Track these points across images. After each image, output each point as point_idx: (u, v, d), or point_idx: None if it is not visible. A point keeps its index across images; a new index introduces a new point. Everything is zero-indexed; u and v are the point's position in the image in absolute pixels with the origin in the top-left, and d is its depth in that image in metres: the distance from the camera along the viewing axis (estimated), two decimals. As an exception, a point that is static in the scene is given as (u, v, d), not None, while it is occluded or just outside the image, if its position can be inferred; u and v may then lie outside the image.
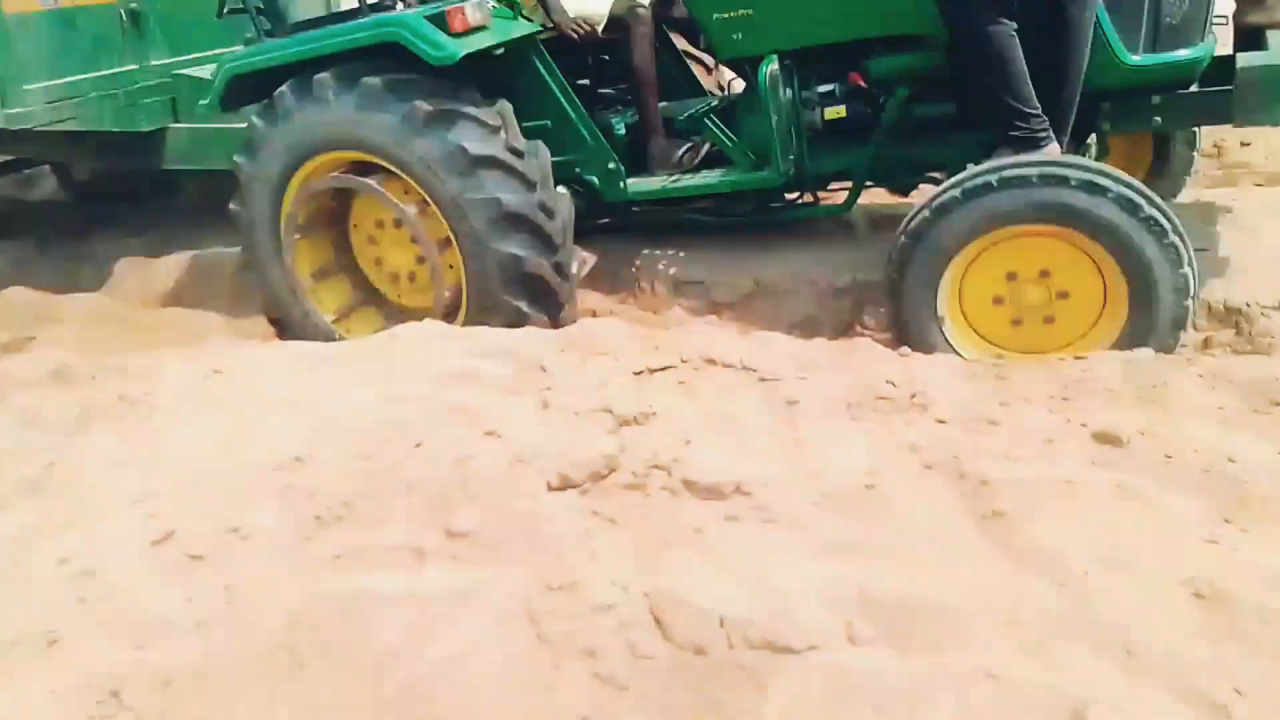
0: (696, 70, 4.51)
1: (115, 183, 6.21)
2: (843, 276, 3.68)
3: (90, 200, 6.38)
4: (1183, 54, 3.05)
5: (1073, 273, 2.88)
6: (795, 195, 3.92)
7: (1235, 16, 3.30)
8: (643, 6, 3.88)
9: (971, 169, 2.96)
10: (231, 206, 3.89)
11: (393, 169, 3.52)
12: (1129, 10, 3.02)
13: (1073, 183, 2.75)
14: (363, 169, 3.62)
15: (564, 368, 2.63)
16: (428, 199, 3.51)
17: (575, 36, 3.85)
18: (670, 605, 1.81)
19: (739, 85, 4.13)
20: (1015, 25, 2.94)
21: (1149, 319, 2.75)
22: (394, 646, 1.84)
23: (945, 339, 3.03)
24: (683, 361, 2.61)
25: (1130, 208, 2.72)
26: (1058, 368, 2.44)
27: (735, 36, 3.52)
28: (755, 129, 3.61)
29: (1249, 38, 3.30)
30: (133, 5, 4.79)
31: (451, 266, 3.62)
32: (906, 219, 3.01)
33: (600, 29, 3.90)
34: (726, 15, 3.48)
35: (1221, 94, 3.03)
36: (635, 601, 1.84)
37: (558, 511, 2.07)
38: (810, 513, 2.00)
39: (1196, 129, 3.85)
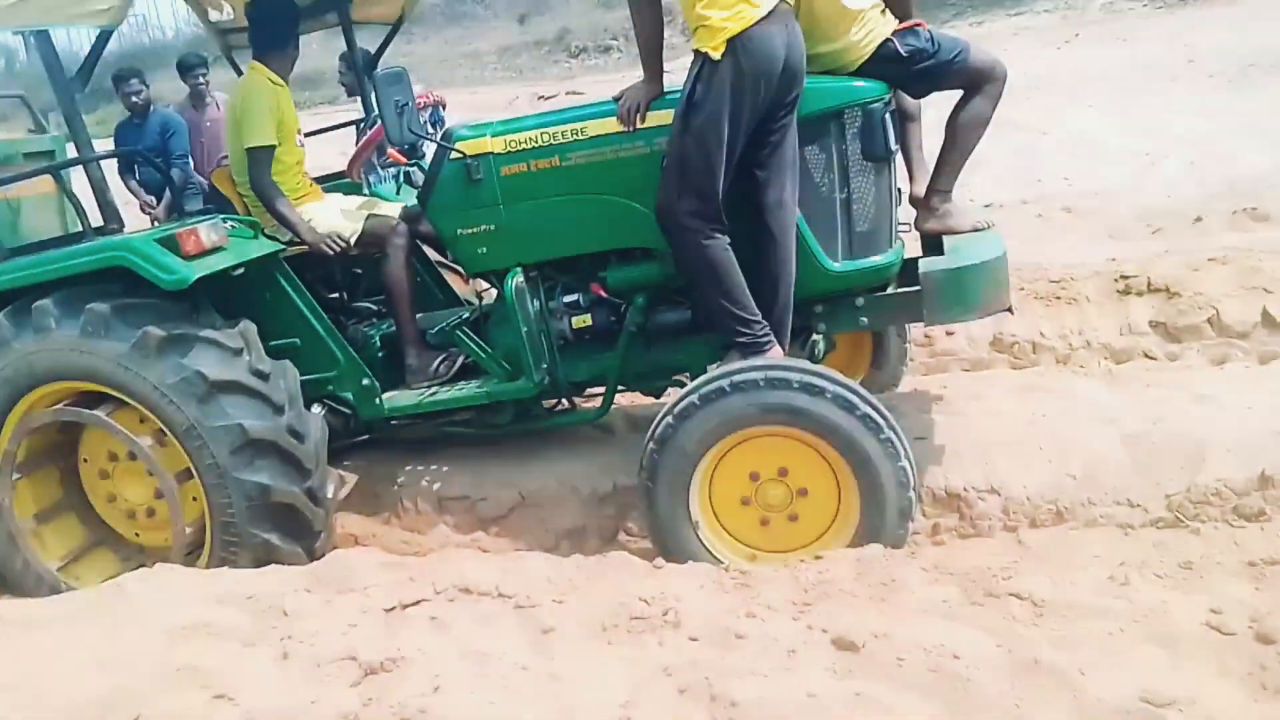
0: (452, 280, 4.61)
1: None
2: (604, 483, 3.75)
3: None
4: (876, 259, 3.41)
5: (808, 470, 3.05)
6: (553, 403, 4.01)
7: (915, 224, 3.76)
8: (398, 222, 3.95)
9: (707, 374, 3.14)
10: (-62, 448, 3.52)
11: (124, 398, 3.33)
12: (825, 222, 3.36)
13: (794, 384, 2.95)
14: (92, 399, 3.40)
15: (308, 610, 2.49)
16: (164, 429, 3.32)
17: (330, 252, 3.86)
18: None
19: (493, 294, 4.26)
20: (728, 240, 3.21)
21: (879, 512, 2.94)
22: None
23: (701, 543, 3.10)
24: (436, 593, 2.53)
25: (847, 406, 2.95)
26: (799, 571, 2.55)
27: (480, 251, 3.62)
28: (507, 339, 3.69)
29: (930, 242, 3.76)
30: None
31: (195, 499, 3.41)
32: (652, 426, 3.13)
33: (353, 243, 3.94)
34: (470, 231, 3.58)
35: (914, 294, 3.37)
36: None
37: (294, 782, 1.91)
38: (565, 753, 1.95)
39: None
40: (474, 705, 2.04)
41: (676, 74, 3.17)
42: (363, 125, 4.69)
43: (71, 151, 4.65)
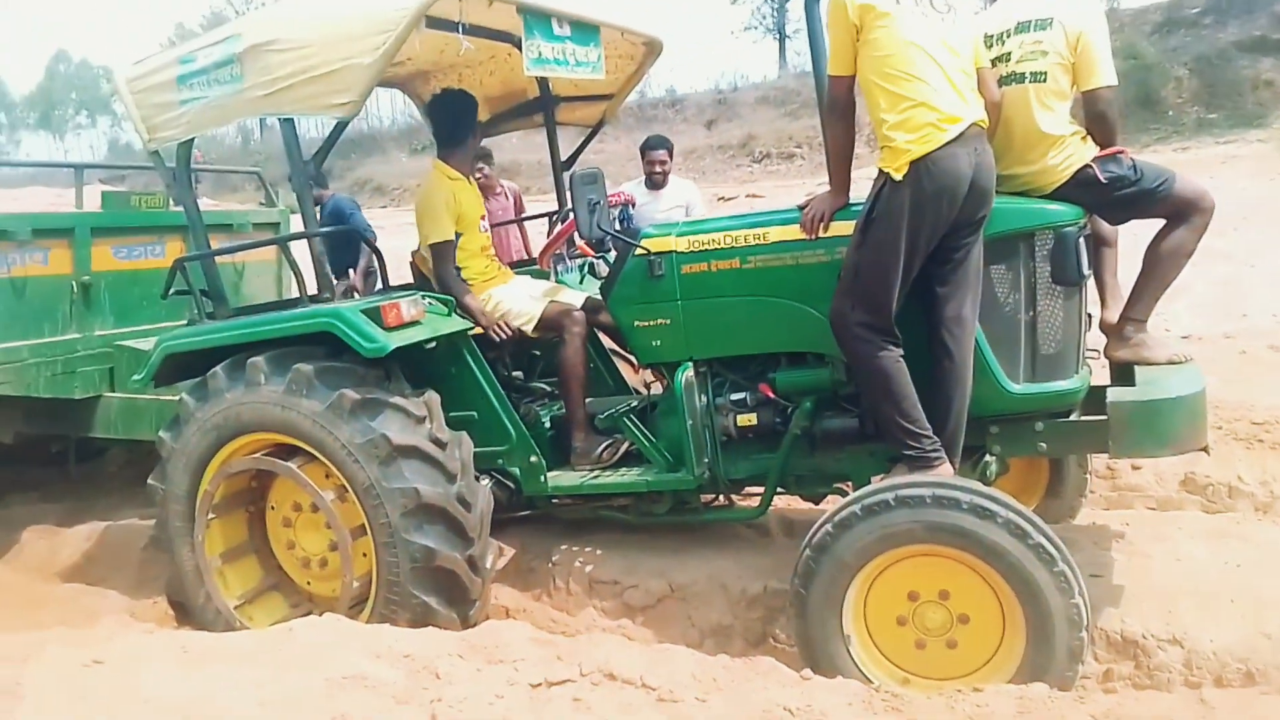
0: (623, 368, 4.75)
1: (39, 446, 6.14)
2: (755, 584, 3.70)
3: (10, 461, 6.27)
4: (1060, 384, 3.29)
5: (972, 597, 2.92)
6: (711, 498, 4.02)
7: (1105, 351, 3.61)
8: (577, 309, 4.13)
9: (872, 485, 3.09)
10: (150, 481, 3.88)
11: (315, 453, 3.56)
12: (1008, 342, 3.29)
13: (964, 505, 2.85)
14: (286, 452, 3.66)
15: (459, 676, 2.56)
16: (347, 485, 3.53)
17: (499, 336, 4.06)
18: None
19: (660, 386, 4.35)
20: (901, 352, 3.18)
21: (1046, 650, 2.77)
22: None
23: (851, 659, 3.00)
24: (582, 675, 2.56)
25: (1020, 533, 2.81)
26: (955, 700, 2.43)
27: (654, 343, 3.75)
28: (671, 430, 3.76)
29: (1121, 372, 3.60)
30: (85, 278, 4.98)
31: (364, 555, 3.59)
32: (810, 532, 3.08)
33: (531, 328, 4.13)
34: (646, 324, 3.72)
35: (1100, 423, 3.23)
36: None
37: (430, 846, 1.95)
38: None
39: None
40: (610, 794, 2.03)
41: (861, 183, 3.21)
42: (555, 217, 4.95)
43: (296, 225, 5.11)
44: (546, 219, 5.10)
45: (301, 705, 2.44)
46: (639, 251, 3.66)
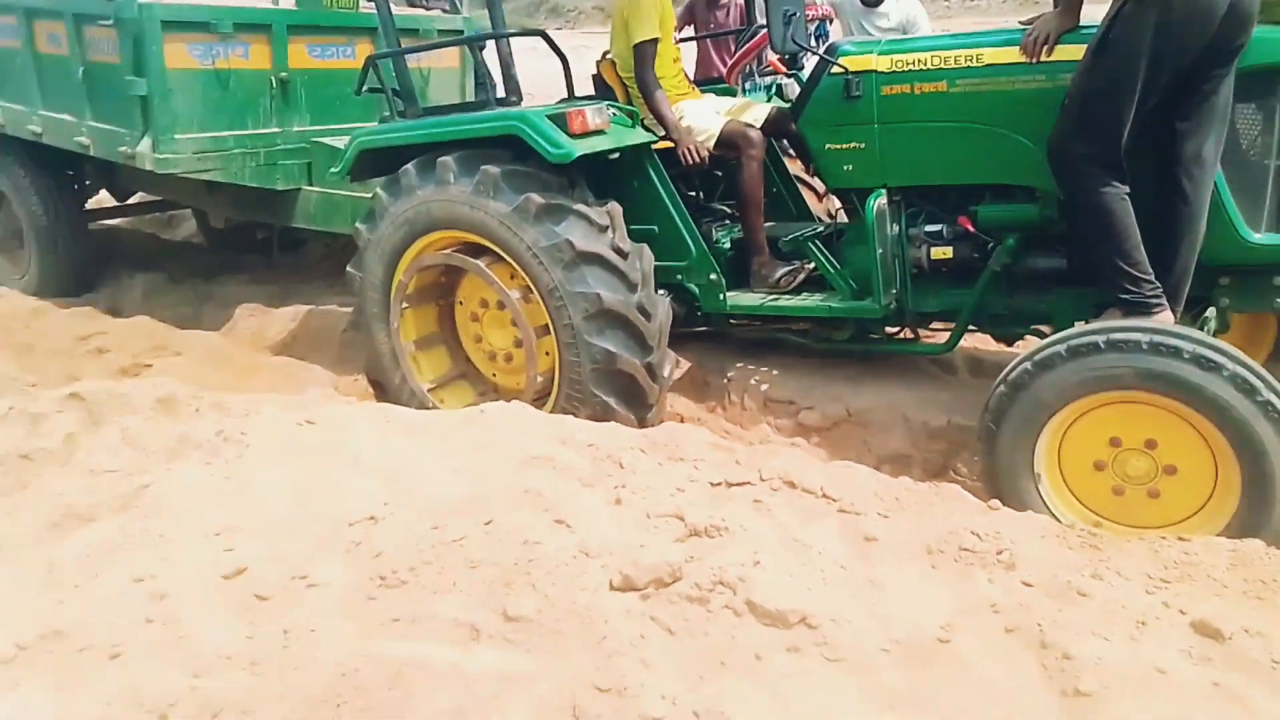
0: (806, 195, 4.58)
1: (247, 233, 6.56)
2: (938, 417, 3.62)
3: (222, 246, 6.75)
4: None
5: (1182, 448, 2.75)
6: (895, 329, 3.90)
7: None
8: (754, 129, 3.97)
9: (1079, 327, 2.91)
10: (349, 269, 4.07)
11: (501, 253, 3.64)
12: (1251, 187, 2.98)
13: (1185, 355, 2.65)
14: (473, 250, 3.75)
15: (641, 467, 2.62)
16: (531, 286, 3.61)
17: (686, 160, 3.95)
18: (718, 729, 1.75)
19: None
20: (1127, 189, 2.92)
21: (1263, 509, 2.60)
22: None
23: (1040, 497, 2.92)
24: (762, 480, 2.57)
25: (1247, 389, 2.61)
26: (1158, 547, 2.31)
27: (846, 168, 3.57)
28: (859, 259, 3.63)
29: None
30: (283, 75, 5.13)
31: (547, 353, 3.70)
32: (1007, 368, 2.95)
33: (710, 146, 4.00)
34: (838, 147, 3.54)
35: None
36: (683, 719, 1.78)
37: (616, 612, 2.04)
38: (878, 659, 1.93)
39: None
40: (791, 587, 2.06)
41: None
42: (741, 36, 4.70)
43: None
44: (731, 38, 4.86)
45: (493, 478, 2.57)
46: (835, 70, 3.45)
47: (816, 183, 4.55)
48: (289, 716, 1.91)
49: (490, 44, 4.41)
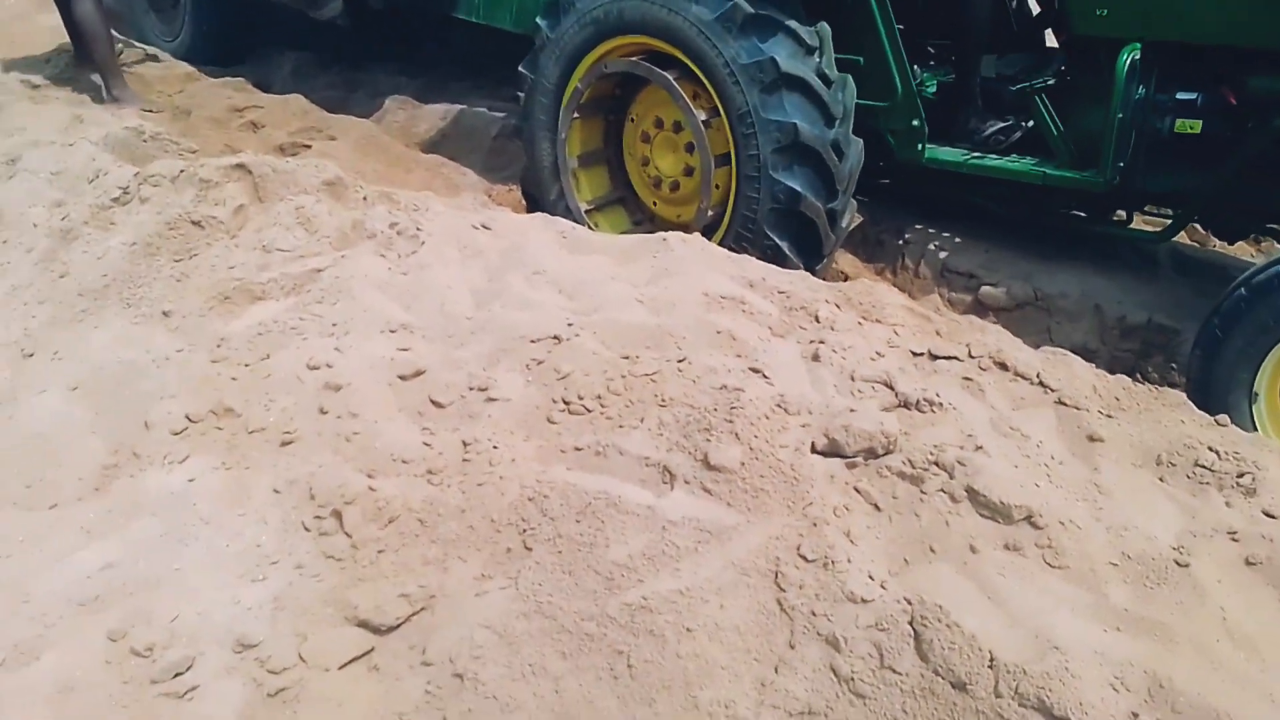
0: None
1: (399, 20, 6.28)
2: (1136, 313, 3.30)
3: (370, 31, 6.50)
4: None
5: None
6: (1105, 208, 3.52)
7: None
8: None
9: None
10: (520, 68, 3.81)
11: (693, 68, 3.33)
12: None
13: None
14: (660, 62, 3.46)
15: (840, 324, 2.42)
16: (719, 108, 3.32)
17: None
18: (933, 621, 1.60)
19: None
20: None
21: None
22: (627, 562, 1.72)
23: (1251, 418, 2.65)
24: (970, 356, 2.35)
25: None
26: None
27: (1099, 13, 3.13)
28: (1088, 122, 3.24)
29: None
30: None
31: (718, 186, 3.45)
32: (1252, 270, 2.61)
33: None
34: None
35: None
36: (893, 604, 1.64)
37: (821, 476, 1.89)
38: (1106, 572, 1.75)
39: None
40: (1014, 479, 1.87)
41: None
42: None
43: None
44: None
45: (680, 312, 2.40)
46: None
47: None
48: (469, 534, 1.84)
49: None
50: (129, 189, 2.96)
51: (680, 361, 2.15)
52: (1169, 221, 3.35)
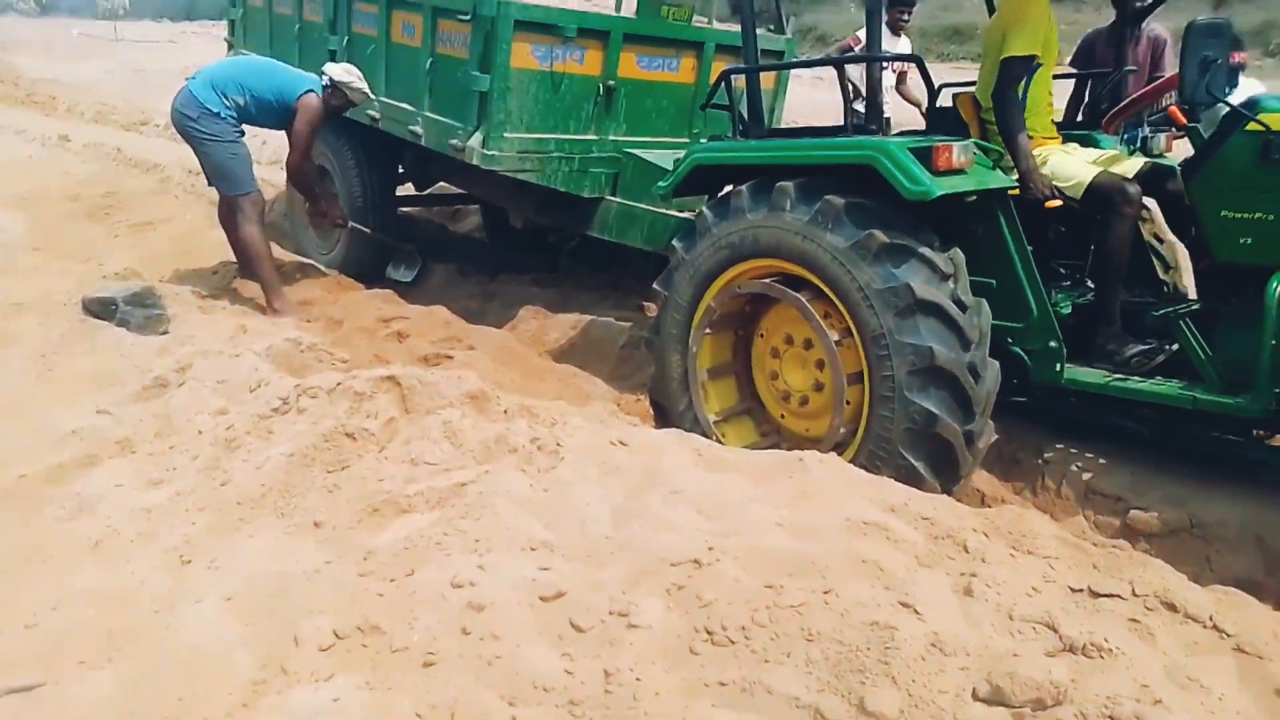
0: (1155, 263, 4.08)
1: (535, 235, 6.72)
2: (1303, 543, 3.08)
3: (506, 244, 6.96)
4: None
5: None
6: (1263, 434, 3.37)
7: None
8: (1133, 184, 3.54)
9: None
10: (655, 286, 3.98)
11: (825, 290, 3.42)
12: None
13: None
14: (791, 283, 3.56)
15: (991, 556, 2.32)
16: (852, 329, 3.37)
17: (1042, 197, 3.58)
18: None
19: (1192, 286, 3.67)
20: None
21: None
22: (781, 818, 1.62)
23: None
24: (1135, 594, 2.21)
25: None
26: None
27: (1244, 240, 3.14)
28: (1239, 347, 3.16)
29: None
30: (610, 82, 5.16)
31: (849, 403, 3.45)
32: None
33: (1078, 195, 3.61)
34: (1240, 216, 3.12)
35: None
36: None
37: (985, 728, 1.77)
38: None
39: None
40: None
41: None
42: (1113, 78, 4.27)
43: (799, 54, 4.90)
44: (1090, 79, 4.41)
45: (823, 538, 2.35)
46: (1252, 127, 3.00)
47: (1168, 251, 4.04)
48: (613, 770, 1.77)
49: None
50: (288, 400, 3.15)
51: (826, 593, 2.09)
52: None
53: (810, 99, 10.71)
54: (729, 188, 3.85)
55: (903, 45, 6.56)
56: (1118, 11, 4.60)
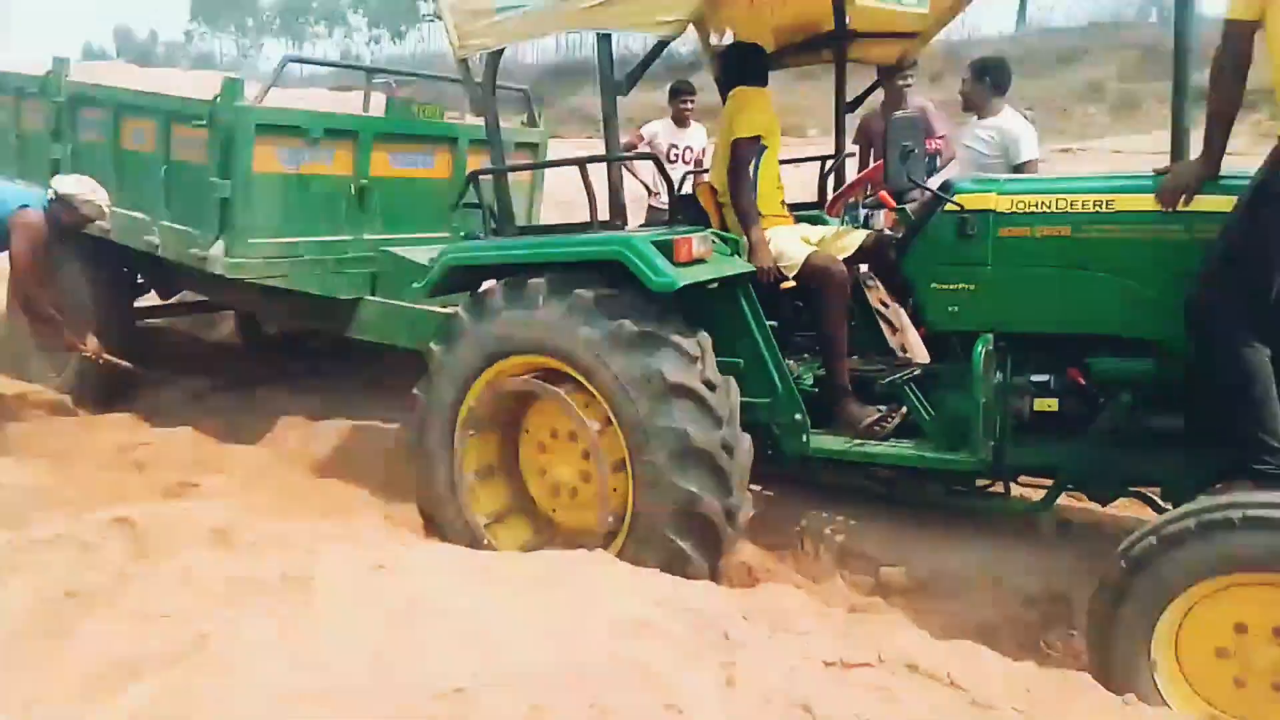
0: (883, 328, 4.44)
1: (292, 340, 6.45)
2: (1032, 583, 3.39)
3: (264, 351, 6.64)
4: None
5: (1319, 641, 2.53)
6: (986, 483, 3.70)
7: None
8: (840, 264, 3.86)
9: (1209, 499, 2.70)
10: (414, 391, 3.91)
11: (583, 382, 3.48)
12: None
13: (1330, 536, 2.45)
14: (551, 377, 3.60)
15: (751, 641, 2.40)
16: (612, 418, 3.44)
17: (765, 279, 3.83)
18: None
19: (919, 346, 4.03)
20: (1269, 352, 2.77)
21: None
22: None
23: (1154, 684, 2.68)
24: (881, 660, 2.35)
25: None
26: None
27: (951, 309, 3.45)
28: (956, 406, 3.46)
29: None
30: (363, 182, 5.09)
31: (616, 490, 3.50)
32: (1128, 542, 2.73)
33: (792, 274, 3.88)
34: (946, 287, 3.43)
35: None
36: None
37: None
38: None
39: None
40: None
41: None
42: (831, 164, 4.66)
43: (577, 152, 5.04)
44: (819, 163, 4.80)
45: (589, 644, 2.35)
46: (950, 207, 3.35)
47: (894, 316, 4.42)
48: None
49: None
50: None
51: (592, 706, 2.08)
52: (1046, 491, 3.53)
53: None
54: (486, 285, 3.87)
55: (694, 133, 6.74)
56: (884, 89, 5.07)
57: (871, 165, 4.31)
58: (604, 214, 3.66)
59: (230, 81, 4.70)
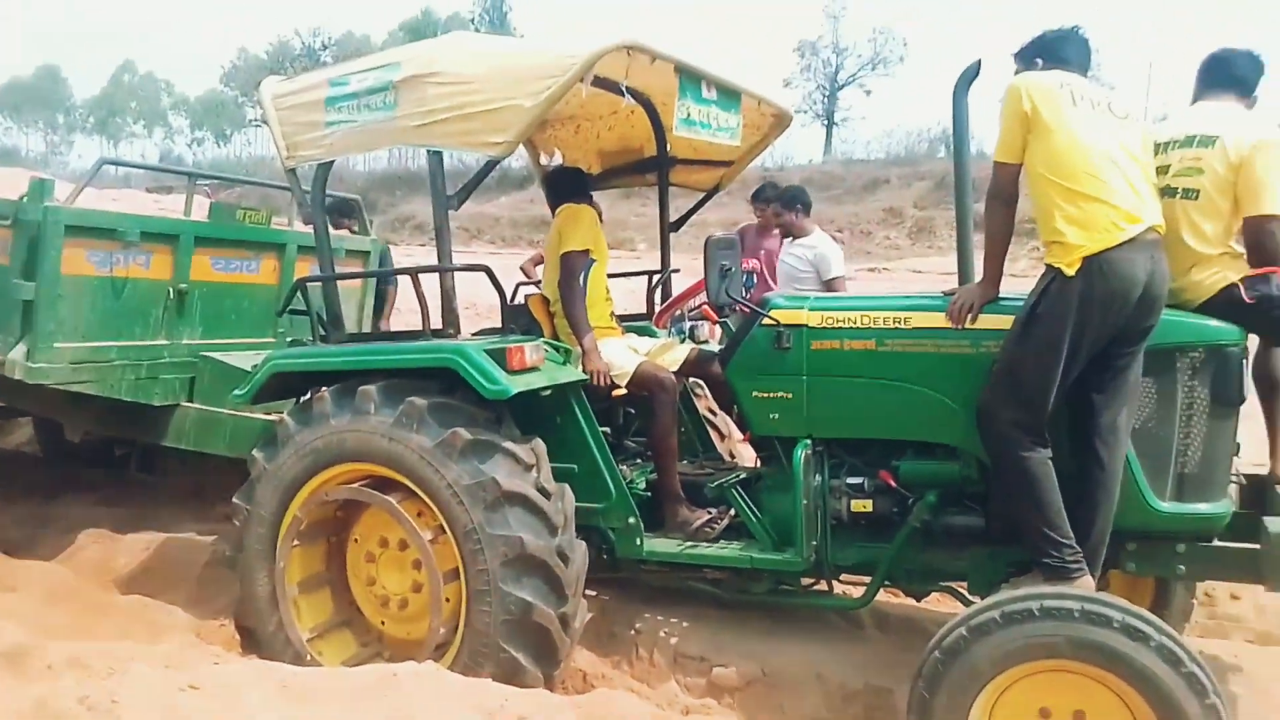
0: (712, 434, 4.61)
1: (98, 447, 6.04)
2: (854, 678, 3.53)
3: (65, 459, 6.18)
4: (1207, 507, 3.14)
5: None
6: (811, 581, 3.85)
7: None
8: (668, 374, 4.03)
9: (1011, 592, 2.92)
10: (235, 500, 3.75)
11: (415, 490, 3.44)
12: (1157, 458, 3.15)
13: (1115, 624, 2.67)
14: (380, 486, 3.54)
15: (583, 747, 2.39)
16: (445, 526, 3.40)
17: (597, 385, 3.93)
18: None
19: (746, 451, 4.21)
20: (1049, 454, 3.06)
21: (1190, 786, 2.59)
22: None
23: None
24: (710, 760, 2.39)
25: (1172, 660, 2.64)
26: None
27: (771, 416, 3.62)
28: (780, 508, 3.62)
29: (1258, 498, 3.45)
30: (182, 286, 4.92)
31: (448, 600, 3.44)
32: (940, 634, 2.91)
33: (624, 383, 4.01)
34: (765, 395, 3.61)
35: (1249, 552, 3.12)
36: None
37: None
38: None
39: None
40: None
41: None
42: (658, 278, 4.88)
43: (407, 259, 5.04)
44: (646, 278, 5.02)
45: (418, 760, 2.28)
46: (766, 321, 3.58)
47: (721, 423, 4.60)
48: None
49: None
50: None
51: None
52: (865, 587, 3.71)
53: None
54: (312, 392, 3.79)
55: None
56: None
57: (686, 289, 4.57)
58: (436, 323, 3.69)
59: (39, 181, 4.51)
